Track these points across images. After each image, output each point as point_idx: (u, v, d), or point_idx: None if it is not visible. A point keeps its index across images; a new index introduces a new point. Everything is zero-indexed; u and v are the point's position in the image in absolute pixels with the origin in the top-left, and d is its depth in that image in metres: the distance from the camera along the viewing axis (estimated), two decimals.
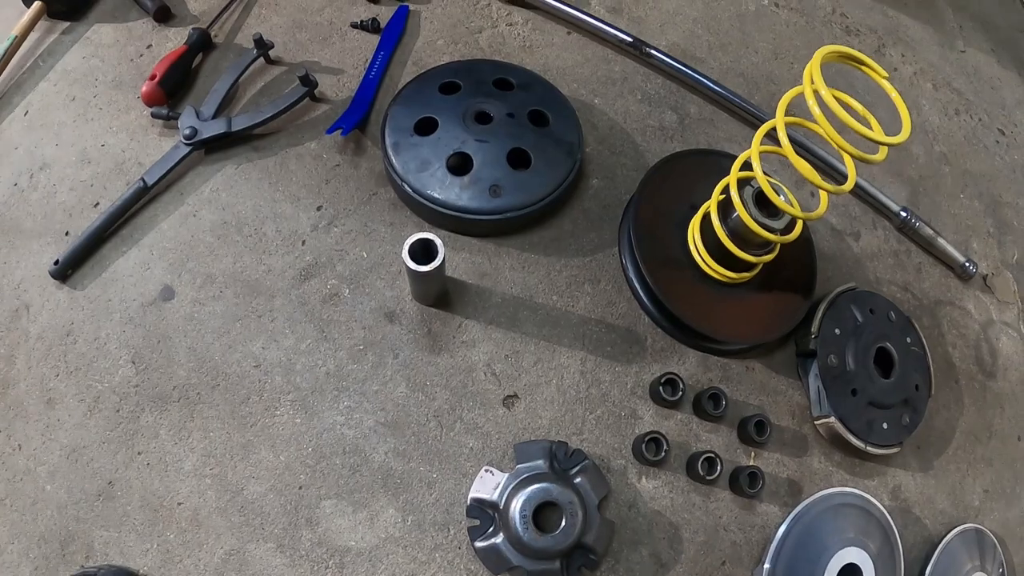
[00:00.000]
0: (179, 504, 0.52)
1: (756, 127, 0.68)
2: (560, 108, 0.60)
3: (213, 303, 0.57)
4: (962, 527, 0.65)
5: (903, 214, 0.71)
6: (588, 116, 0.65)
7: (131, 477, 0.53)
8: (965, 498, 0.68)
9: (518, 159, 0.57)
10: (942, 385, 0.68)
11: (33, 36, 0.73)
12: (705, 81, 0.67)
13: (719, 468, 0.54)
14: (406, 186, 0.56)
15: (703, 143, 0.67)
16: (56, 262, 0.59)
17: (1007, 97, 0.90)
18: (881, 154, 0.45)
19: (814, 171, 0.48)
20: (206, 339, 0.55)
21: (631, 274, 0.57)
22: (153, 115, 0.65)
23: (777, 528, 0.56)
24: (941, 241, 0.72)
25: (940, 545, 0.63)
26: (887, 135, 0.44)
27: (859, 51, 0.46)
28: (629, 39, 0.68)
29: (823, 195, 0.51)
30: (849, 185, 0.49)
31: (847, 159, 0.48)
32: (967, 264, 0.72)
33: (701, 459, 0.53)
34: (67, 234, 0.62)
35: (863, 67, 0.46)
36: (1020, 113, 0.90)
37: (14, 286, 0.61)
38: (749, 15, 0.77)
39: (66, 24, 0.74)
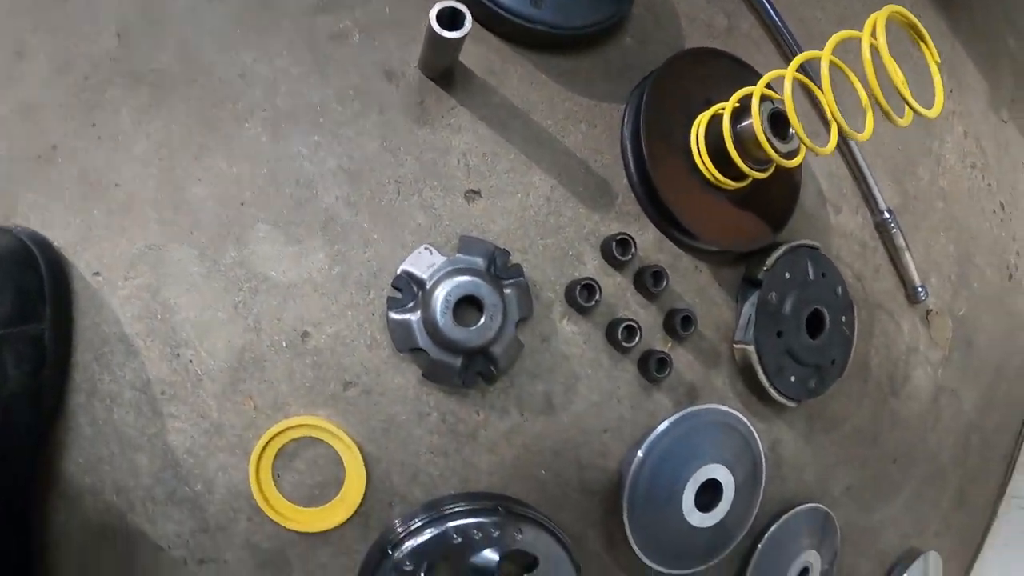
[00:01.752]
0: (116, 185, 0.53)
1: None
2: None
3: (220, 3, 0.57)
4: (817, 505, 0.74)
5: (886, 215, 0.77)
6: None
7: (77, 147, 0.53)
8: (829, 484, 0.76)
9: None
10: (853, 376, 0.75)
11: None
12: (768, 7, 0.70)
13: (637, 340, 0.59)
14: None
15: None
16: None
17: (1022, 181, 0.96)
18: (907, 118, 0.50)
19: (837, 109, 0.51)
20: (200, 33, 0.56)
21: (627, 133, 0.60)
22: None
23: (663, 420, 0.62)
24: (907, 256, 0.79)
25: (793, 510, 0.71)
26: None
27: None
28: None
29: (834, 134, 0.54)
30: (865, 135, 0.53)
31: (870, 114, 0.52)
32: (920, 290, 0.79)
33: (623, 325, 0.58)
34: None
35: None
36: None
37: None
38: None
39: None
